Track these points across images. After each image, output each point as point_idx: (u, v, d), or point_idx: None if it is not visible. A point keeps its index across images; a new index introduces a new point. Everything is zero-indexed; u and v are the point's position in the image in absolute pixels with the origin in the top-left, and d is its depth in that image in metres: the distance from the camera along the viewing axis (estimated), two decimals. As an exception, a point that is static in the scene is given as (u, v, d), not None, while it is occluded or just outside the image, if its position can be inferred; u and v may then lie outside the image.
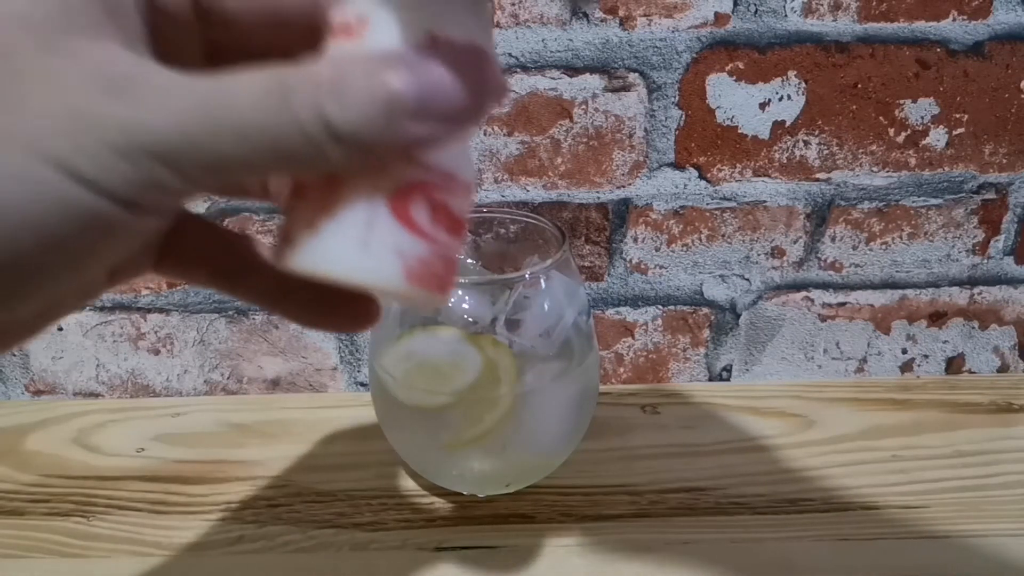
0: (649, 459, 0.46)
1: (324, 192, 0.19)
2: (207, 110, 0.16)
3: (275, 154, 0.16)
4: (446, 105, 0.17)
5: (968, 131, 0.47)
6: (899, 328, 0.53)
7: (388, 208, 0.19)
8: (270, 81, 0.16)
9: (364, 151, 0.17)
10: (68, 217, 0.15)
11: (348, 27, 0.18)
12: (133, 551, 0.40)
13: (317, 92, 0.16)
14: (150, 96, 0.16)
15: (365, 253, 0.18)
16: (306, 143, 0.16)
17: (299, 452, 0.47)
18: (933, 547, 0.39)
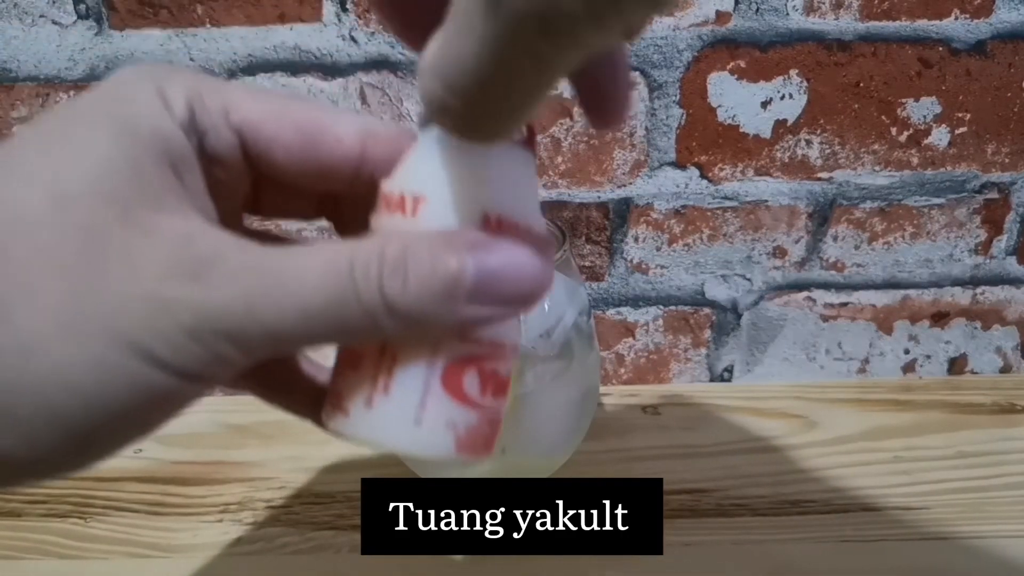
0: (650, 460, 0.46)
1: (376, 362, 0.19)
2: (275, 289, 0.17)
3: (333, 329, 0.17)
4: (504, 291, 0.18)
5: (970, 130, 0.47)
6: (901, 328, 0.53)
7: (441, 383, 0.19)
8: (336, 259, 0.17)
9: (417, 326, 0.18)
10: (138, 395, 0.17)
11: (403, 203, 0.19)
12: (130, 552, 0.40)
13: (380, 270, 0.17)
14: (223, 279, 0.17)
15: (418, 429, 0.19)
16: (363, 317, 0.17)
17: (297, 453, 0.47)
18: (935, 548, 0.39)
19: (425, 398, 0.19)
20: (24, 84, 0.45)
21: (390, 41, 0.44)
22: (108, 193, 0.17)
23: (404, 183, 0.19)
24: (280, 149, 0.20)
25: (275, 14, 0.43)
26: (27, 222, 0.16)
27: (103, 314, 0.16)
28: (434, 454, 0.19)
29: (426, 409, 0.19)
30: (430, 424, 0.19)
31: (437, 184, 0.19)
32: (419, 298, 0.17)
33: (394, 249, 0.17)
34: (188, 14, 0.43)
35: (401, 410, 0.19)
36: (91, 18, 0.43)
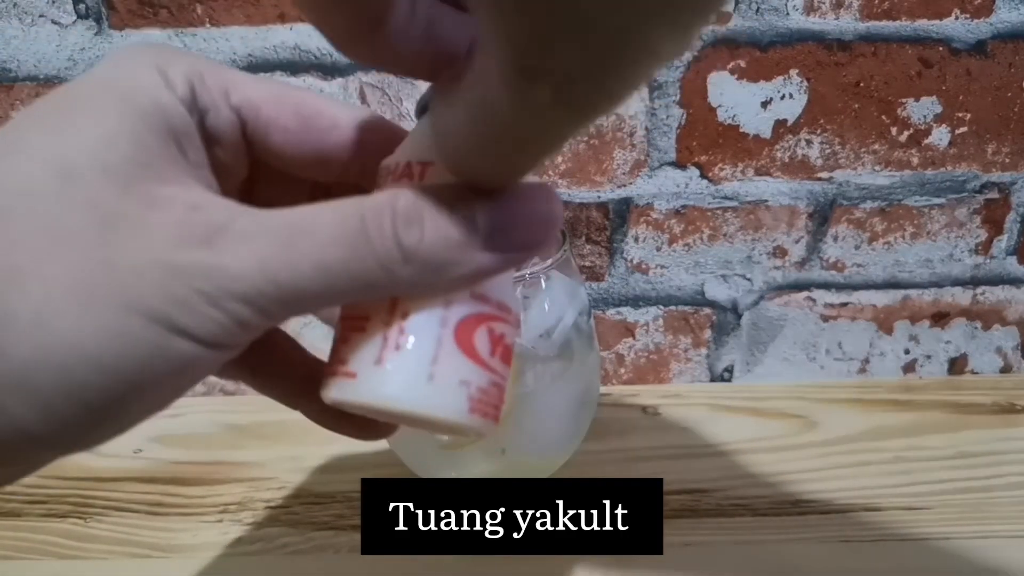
0: (650, 460, 0.46)
1: (387, 319, 0.19)
2: (288, 248, 0.17)
3: (349, 283, 0.17)
4: (519, 234, 0.18)
5: (971, 130, 0.47)
6: (902, 328, 0.52)
7: (454, 338, 0.19)
8: (347, 214, 0.17)
9: (433, 275, 0.17)
10: (160, 364, 0.16)
11: (409, 169, 0.19)
12: (130, 553, 0.40)
13: (394, 221, 0.17)
14: (235, 242, 0.16)
15: (431, 385, 0.18)
16: (380, 269, 0.17)
17: (297, 454, 0.47)
18: (936, 549, 0.39)
19: (438, 353, 0.19)
20: (24, 84, 0.45)
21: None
22: (113, 166, 0.17)
23: (409, 153, 0.19)
24: (278, 131, 0.20)
25: (275, 14, 0.43)
26: (34, 196, 0.16)
27: (118, 284, 0.16)
28: (448, 415, 0.19)
29: (438, 364, 0.19)
30: (442, 380, 0.19)
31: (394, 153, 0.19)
32: (435, 245, 0.17)
33: (406, 200, 0.17)
34: (188, 14, 0.43)
35: (413, 366, 0.18)
36: (91, 18, 0.43)
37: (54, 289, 0.16)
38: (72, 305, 0.16)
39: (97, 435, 0.17)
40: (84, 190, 0.16)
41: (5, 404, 0.16)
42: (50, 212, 0.16)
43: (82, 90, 0.18)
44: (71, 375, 0.16)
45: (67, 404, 0.16)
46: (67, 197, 0.16)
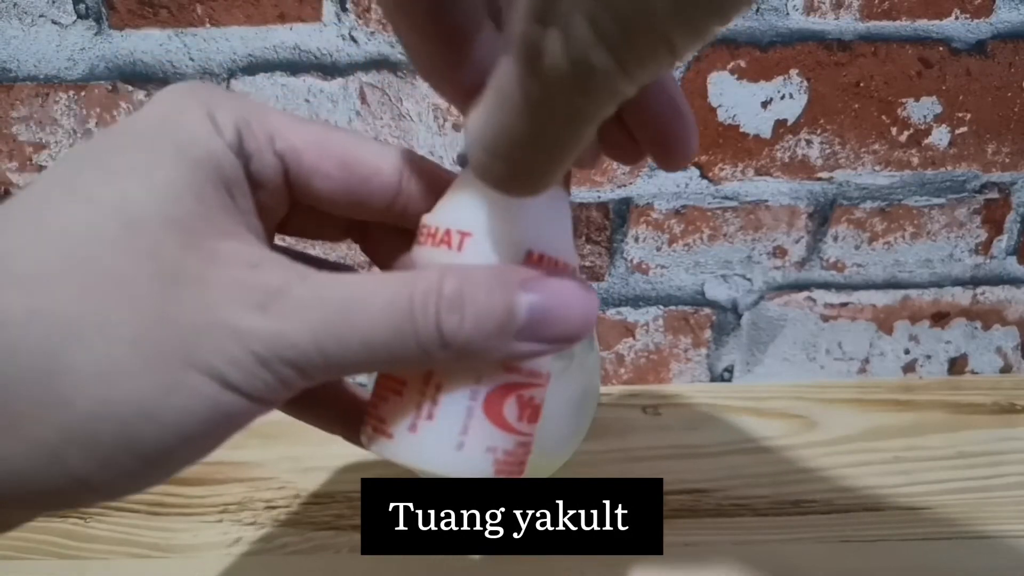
0: (650, 461, 0.46)
1: (421, 389, 0.20)
2: (340, 324, 0.17)
3: (389, 360, 0.18)
4: (555, 329, 0.19)
5: (971, 130, 0.47)
6: (902, 328, 0.52)
7: (483, 410, 0.20)
8: (398, 294, 0.18)
9: (467, 360, 0.18)
10: (212, 417, 0.17)
11: (448, 237, 0.20)
12: (131, 552, 0.40)
13: (439, 306, 0.18)
14: (291, 311, 0.17)
15: (459, 453, 0.20)
16: (418, 350, 0.18)
17: (297, 453, 0.47)
18: (936, 549, 0.39)
19: (467, 424, 0.20)
20: (24, 84, 0.44)
21: (390, 41, 0.43)
22: (175, 218, 0.17)
23: (450, 219, 0.20)
24: (320, 178, 0.21)
25: (275, 14, 0.43)
26: (99, 244, 0.16)
27: (179, 341, 0.16)
28: (473, 475, 0.20)
29: (468, 435, 0.20)
30: (471, 449, 0.20)
31: (482, 221, 0.20)
32: (473, 334, 0.18)
33: (451, 285, 0.18)
34: (188, 14, 0.43)
35: (444, 436, 0.20)
36: (91, 18, 0.43)
37: (116, 343, 0.16)
38: (134, 361, 0.16)
39: (147, 482, 0.18)
40: (148, 242, 0.17)
41: (66, 455, 0.16)
42: (115, 263, 0.16)
43: (136, 133, 0.18)
44: (131, 429, 0.16)
45: (125, 456, 0.16)
46: (132, 248, 0.17)
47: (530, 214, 0.20)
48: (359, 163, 0.21)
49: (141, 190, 0.17)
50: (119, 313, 0.16)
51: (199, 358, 0.16)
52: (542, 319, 0.18)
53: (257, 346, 0.17)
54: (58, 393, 0.16)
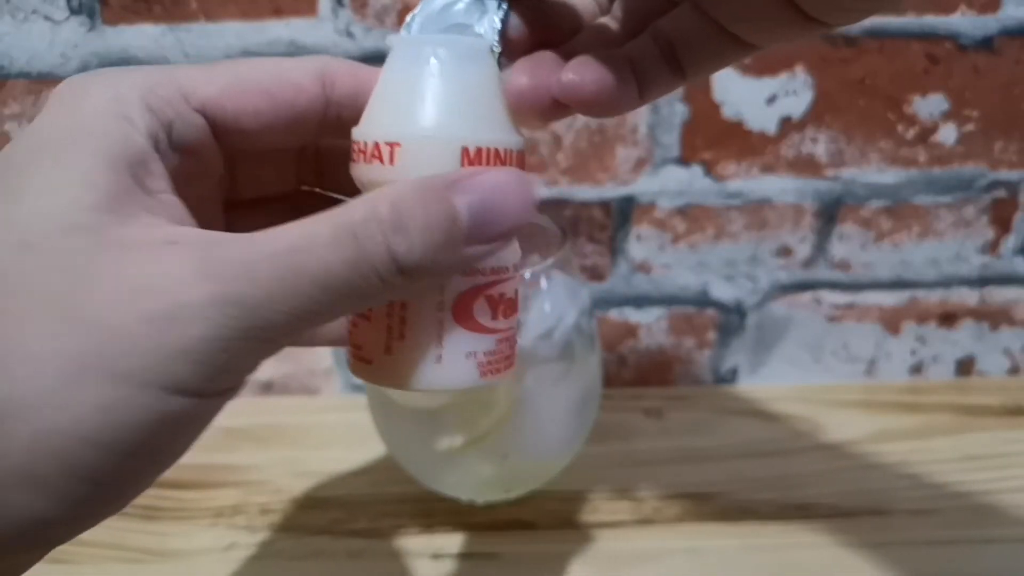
0: (653, 464, 0.45)
1: (387, 309, 0.20)
2: (291, 272, 0.16)
3: (352, 298, 0.17)
4: (499, 224, 0.18)
5: (978, 127, 0.46)
6: (908, 329, 0.52)
7: (453, 319, 0.20)
8: (337, 231, 0.17)
9: (425, 276, 0.18)
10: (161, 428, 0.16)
11: (379, 151, 0.19)
12: (124, 557, 0.39)
13: (383, 232, 0.17)
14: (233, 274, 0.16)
15: (440, 366, 0.20)
16: (378, 281, 0.17)
17: (293, 457, 0.46)
18: (944, 553, 0.38)
19: (441, 335, 0.20)
20: (16, 80, 0.44)
21: (386, 35, 0.43)
22: (76, 225, 0.16)
23: (376, 131, 0.20)
24: (248, 116, 0.20)
25: (270, 8, 0.43)
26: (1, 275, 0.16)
27: (102, 351, 0.15)
28: (459, 386, 0.20)
29: (444, 346, 0.20)
30: (450, 359, 0.20)
31: (408, 126, 0.19)
32: (425, 251, 0.17)
33: (385, 208, 0.17)
34: (182, 8, 0.42)
35: (420, 351, 0.20)
36: (83, 13, 0.43)
37: (40, 369, 0.15)
38: (60, 384, 0.15)
39: (115, 506, 0.17)
40: (51, 258, 0.16)
41: (14, 499, 0.15)
42: (21, 288, 0.15)
43: (31, 144, 0.17)
44: (73, 457, 0.15)
45: (76, 486, 0.15)
46: (35, 268, 0.15)
47: (459, 106, 0.19)
48: (280, 86, 0.20)
49: (37, 206, 0.16)
50: (37, 335, 0.15)
51: (127, 365, 0.15)
52: (484, 218, 0.18)
53: (198, 329, 0.15)
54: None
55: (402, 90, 0.19)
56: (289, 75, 0.21)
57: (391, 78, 0.20)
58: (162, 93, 0.19)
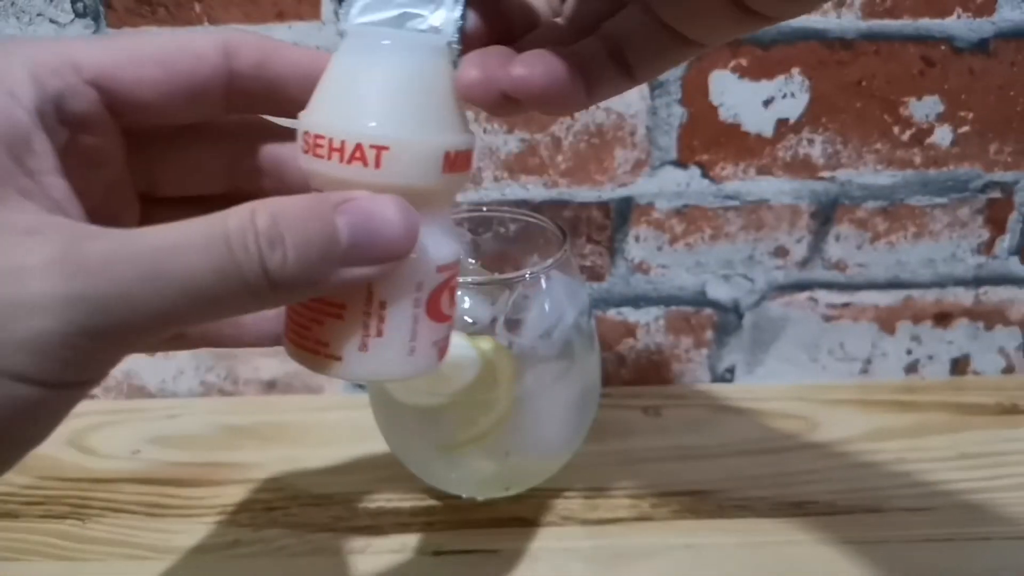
0: (651, 462, 0.46)
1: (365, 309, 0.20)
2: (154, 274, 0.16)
3: (214, 306, 0.17)
4: (377, 250, 0.18)
5: (973, 129, 0.47)
6: (904, 329, 0.52)
7: (426, 314, 0.21)
8: (211, 238, 0.16)
9: (297, 295, 0.18)
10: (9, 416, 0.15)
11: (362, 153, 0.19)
12: (128, 554, 0.39)
13: (258, 243, 0.17)
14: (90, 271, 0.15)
15: (412, 357, 0.21)
16: (247, 292, 0.17)
17: (296, 455, 0.47)
18: (939, 550, 0.39)
19: (415, 330, 0.21)
20: (21, 83, 0.44)
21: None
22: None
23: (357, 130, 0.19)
24: (145, 87, 0.20)
25: (273, 12, 0.43)
26: None
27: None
28: (426, 372, 0.21)
29: (417, 339, 0.21)
30: (421, 350, 0.21)
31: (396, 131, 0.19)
32: (299, 268, 0.17)
33: (264, 219, 0.17)
34: (186, 12, 0.43)
35: (397, 347, 0.20)
36: (88, 16, 0.43)
37: None
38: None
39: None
40: None
41: None
42: None
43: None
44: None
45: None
46: None
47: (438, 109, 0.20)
48: (179, 56, 0.20)
49: None
50: None
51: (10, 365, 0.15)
52: (364, 241, 0.18)
53: (40, 322, 0.15)
54: None
55: (382, 90, 0.19)
56: (188, 45, 0.20)
57: (365, 75, 0.19)
58: (51, 64, 0.18)
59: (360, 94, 0.19)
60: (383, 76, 0.19)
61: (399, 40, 0.19)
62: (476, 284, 0.39)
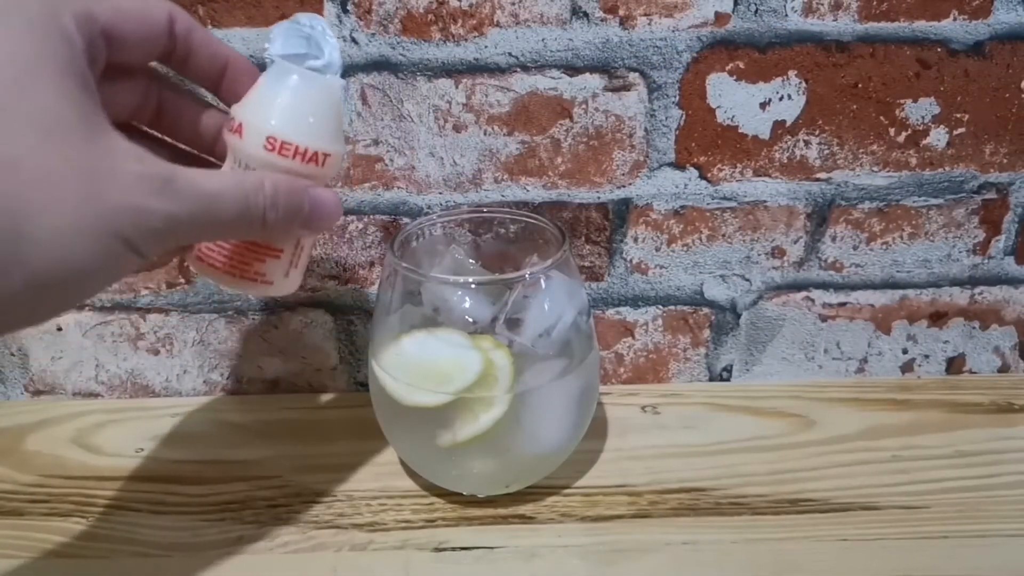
0: (649, 459, 0.46)
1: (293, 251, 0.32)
2: (208, 210, 0.26)
3: (232, 233, 0.30)
4: (322, 221, 0.31)
5: (969, 131, 0.47)
6: (900, 328, 0.53)
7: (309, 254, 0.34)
8: (241, 191, 0.27)
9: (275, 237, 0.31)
10: (116, 269, 0.25)
11: (316, 157, 0.30)
12: (132, 551, 0.40)
13: (263, 202, 0.28)
14: (180, 197, 0.25)
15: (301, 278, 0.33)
16: (250, 228, 0.28)
17: (298, 452, 0.47)
18: (934, 548, 0.39)
19: (306, 261, 0.33)
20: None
21: (391, 42, 0.44)
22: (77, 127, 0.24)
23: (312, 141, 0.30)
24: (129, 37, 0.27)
25: (276, 15, 0.43)
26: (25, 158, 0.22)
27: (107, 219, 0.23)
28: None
29: (299, 267, 0.33)
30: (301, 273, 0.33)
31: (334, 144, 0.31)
32: (281, 223, 0.29)
33: (269, 188, 0.28)
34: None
35: (301, 272, 0.33)
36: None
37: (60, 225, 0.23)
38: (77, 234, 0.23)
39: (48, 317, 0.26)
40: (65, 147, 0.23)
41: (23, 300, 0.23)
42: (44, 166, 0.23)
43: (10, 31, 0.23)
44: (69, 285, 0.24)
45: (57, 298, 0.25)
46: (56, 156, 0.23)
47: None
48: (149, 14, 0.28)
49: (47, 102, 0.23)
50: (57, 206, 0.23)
51: (120, 231, 0.24)
52: (315, 214, 0.30)
53: (157, 222, 0.25)
54: (22, 255, 0.22)
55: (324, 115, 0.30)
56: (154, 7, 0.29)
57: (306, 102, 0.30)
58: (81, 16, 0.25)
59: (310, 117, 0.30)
60: (324, 104, 0.30)
61: (324, 81, 0.30)
62: (476, 284, 0.40)
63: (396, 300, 0.40)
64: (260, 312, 0.51)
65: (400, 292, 0.40)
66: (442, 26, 0.43)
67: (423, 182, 0.47)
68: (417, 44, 0.44)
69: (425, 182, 0.47)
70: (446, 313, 0.39)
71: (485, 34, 0.44)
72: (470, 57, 0.44)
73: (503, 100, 0.45)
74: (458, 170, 0.47)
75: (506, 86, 0.45)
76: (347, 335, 0.52)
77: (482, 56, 0.44)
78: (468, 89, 0.45)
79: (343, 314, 0.51)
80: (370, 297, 0.50)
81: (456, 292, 0.39)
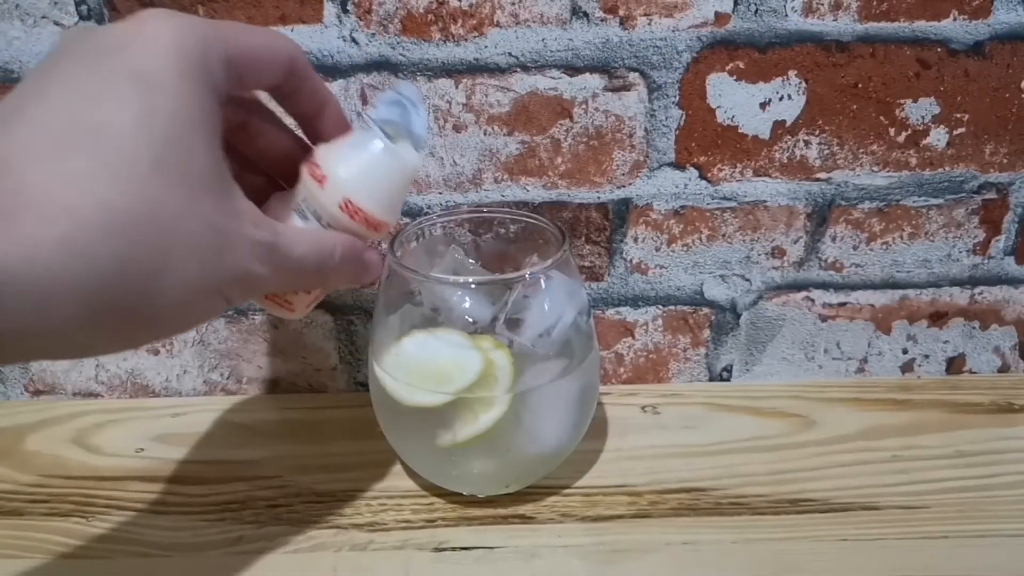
0: (649, 459, 0.46)
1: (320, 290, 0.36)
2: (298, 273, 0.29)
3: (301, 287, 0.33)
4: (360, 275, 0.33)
5: (969, 131, 0.47)
6: (900, 328, 0.53)
7: None
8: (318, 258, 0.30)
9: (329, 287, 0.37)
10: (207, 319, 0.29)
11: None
12: (133, 551, 0.40)
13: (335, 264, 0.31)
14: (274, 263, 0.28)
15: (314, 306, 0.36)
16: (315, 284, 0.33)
17: (299, 452, 0.47)
18: (934, 548, 0.39)
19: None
20: (26, 85, 0.45)
21: (391, 42, 0.44)
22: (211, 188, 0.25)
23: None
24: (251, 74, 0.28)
25: (276, 15, 0.43)
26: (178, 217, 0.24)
27: (220, 280, 0.26)
28: None
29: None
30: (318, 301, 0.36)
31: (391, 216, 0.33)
32: (339, 282, 0.33)
33: (339, 253, 0.31)
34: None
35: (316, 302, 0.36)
36: (92, 19, 0.43)
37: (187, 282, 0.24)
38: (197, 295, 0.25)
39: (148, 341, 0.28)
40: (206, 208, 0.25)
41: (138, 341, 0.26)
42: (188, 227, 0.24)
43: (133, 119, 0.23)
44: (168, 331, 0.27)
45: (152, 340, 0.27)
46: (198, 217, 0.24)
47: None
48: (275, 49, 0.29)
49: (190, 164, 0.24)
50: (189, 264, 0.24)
51: (225, 291, 0.26)
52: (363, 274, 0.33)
53: (254, 283, 0.27)
54: (148, 314, 0.24)
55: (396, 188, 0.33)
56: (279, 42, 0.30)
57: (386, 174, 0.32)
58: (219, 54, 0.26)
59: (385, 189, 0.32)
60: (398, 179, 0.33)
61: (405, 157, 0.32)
62: (476, 284, 0.40)
63: (396, 300, 0.40)
64: (260, 312, 0.51)
65: (400, 292, 0.40)
66: (442, 26, 0.43)
67: (423, 182, 0.47)
68: (417, 44, 0.44)
69: (425, 182, 0.47)
70: (446, 313, 0.39)
71: (485, 34, 0.44)
72: (470, 57, 0.44)
73: (503, 100, 0.45)
74: (458, 170, 0.47)
75: (506, 86, 0.45)
76: (347, 335, 0.52)
77: (482, 56, 0.44)
78: (468, 89, 0.45)
79: (343, 314, 0.51)
80: (370, 297, 0.50)
81: (456, 292, 0.39)
